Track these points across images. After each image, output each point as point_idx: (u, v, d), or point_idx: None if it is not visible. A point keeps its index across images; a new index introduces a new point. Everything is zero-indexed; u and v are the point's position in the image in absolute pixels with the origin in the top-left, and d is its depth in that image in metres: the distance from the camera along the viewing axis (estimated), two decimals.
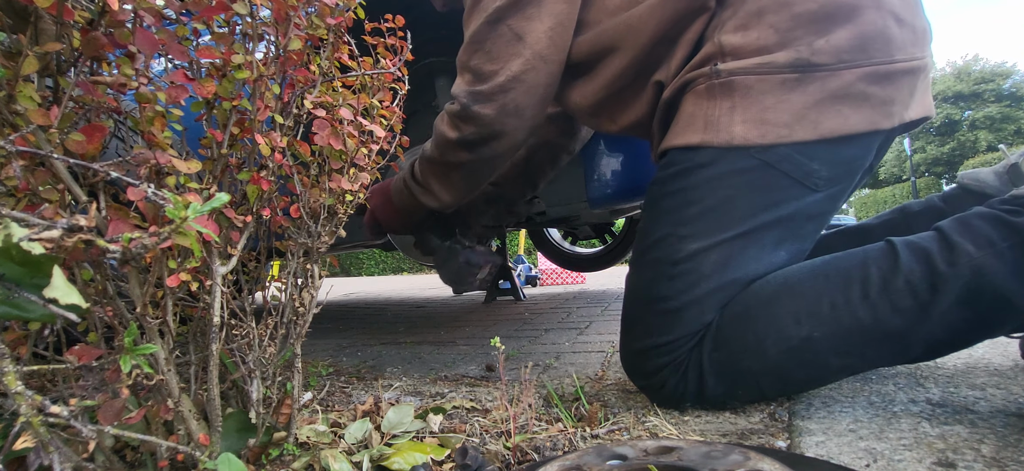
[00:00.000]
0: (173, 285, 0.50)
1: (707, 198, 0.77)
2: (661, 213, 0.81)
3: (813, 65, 0.73)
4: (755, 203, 0.76)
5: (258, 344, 0.63)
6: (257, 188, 0.60)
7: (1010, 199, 0.70)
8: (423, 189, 1.05)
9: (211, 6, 0.54)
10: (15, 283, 0.39)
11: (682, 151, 0.80)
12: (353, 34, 0.74)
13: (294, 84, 0.64)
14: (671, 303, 0.77)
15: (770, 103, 0.75)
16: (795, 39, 0.74)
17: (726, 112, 0.77)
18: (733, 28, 0.78)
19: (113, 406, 0.48)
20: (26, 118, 0.44)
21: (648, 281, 0.80)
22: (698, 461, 0.48)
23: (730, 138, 0.76)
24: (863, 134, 0.74)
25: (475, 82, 0.89)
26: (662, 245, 0.79)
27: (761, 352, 0.72)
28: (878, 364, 0.73)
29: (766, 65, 0.75)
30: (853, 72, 0.73)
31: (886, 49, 0.73)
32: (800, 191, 0.76)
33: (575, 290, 3.25)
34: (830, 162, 0.75)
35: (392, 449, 0.65)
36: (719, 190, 0.77)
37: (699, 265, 0.76)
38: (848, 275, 0.71)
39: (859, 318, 0.69)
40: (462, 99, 0.91)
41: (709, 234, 0.77)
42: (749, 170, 0.76)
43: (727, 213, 0.76)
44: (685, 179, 0.79)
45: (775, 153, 0.75)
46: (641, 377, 0.81)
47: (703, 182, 0.78)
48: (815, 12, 0.73)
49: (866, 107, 0.74)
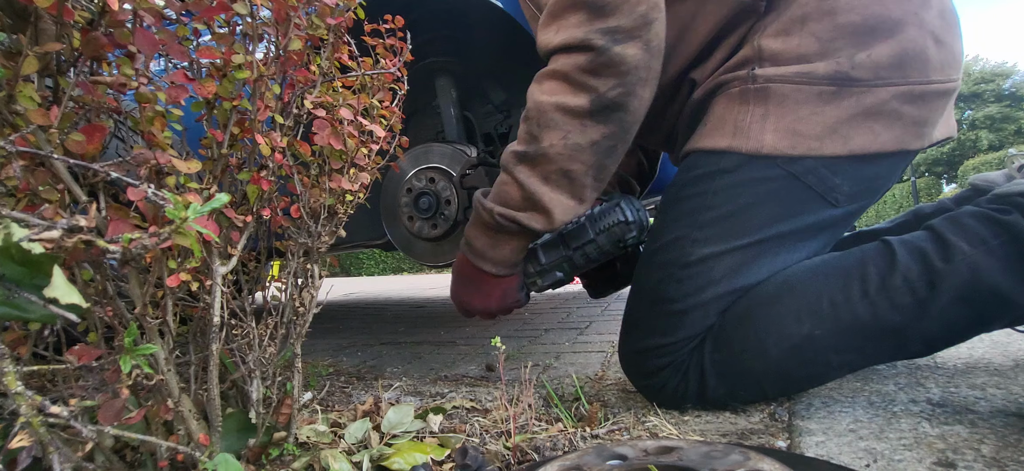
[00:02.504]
0: (173, 285, 0.50)
1: (726, 204, 0.76)
2: (677, 216, 0.80)
3: (851, 79, 0.72)
4: (774, 213, 0.75)
5: (258, 344, 0.63)
6: (257, 188, 0.60)
7: (997, 198, 0.71)
8: (527, 206, 0.77)
9: (211, 6, 0.54)
10: (15, 283, 0.39)
11: (707, 154, 0.79)
12: (353, 34, 0.74)
13: (294, 84, 0.64)
14: (676, 305, 0.77)
15: (804, 114, 0.73)
16: (836, 50, 0.73)
17: (758, 119, 0.75)
18: (774, 33, 0.76)
19: (113, 406, 0.48)
20: (26, 118, 0.44)
21: (655, 282, 0.80)
22: (698, 461, 0.48)
23: (759, 146, 0.74)
24: (891, 153, 0.74)
25: (601, 16, 0.69)
26: (674, 247, 0.78)
27: (762, 351, 0.72)
28: (877, 361, 0.74)
29: (804, 75, 0.73)
30: (889, 90, 0.72)
31: (923, 69, 0.72)
32: (820, 205, 0.75)
33: (575, 290, 3.25)
34: (854, 178, 0.74)
35: (392, 449, 0.65)
36: (740, 197, 0.75)
37: (709, 270, 0.76)
38: (847, 274, 0.72)
39: (858, 315, 0.69)
40: (595, 40, 0.69)
41: (723, 240, 0.76)
42: (773, 179, 0.75)
43: (744, 221, 0.75)
44: (707, 183, 0.78)
45: (801, 165, 0.73)
46: (641, 377, 0.81)
47: (724, 188, 0.76)
48: (858, 24, 0.72)
49: (897, 126, 0.73)
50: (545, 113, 0.73)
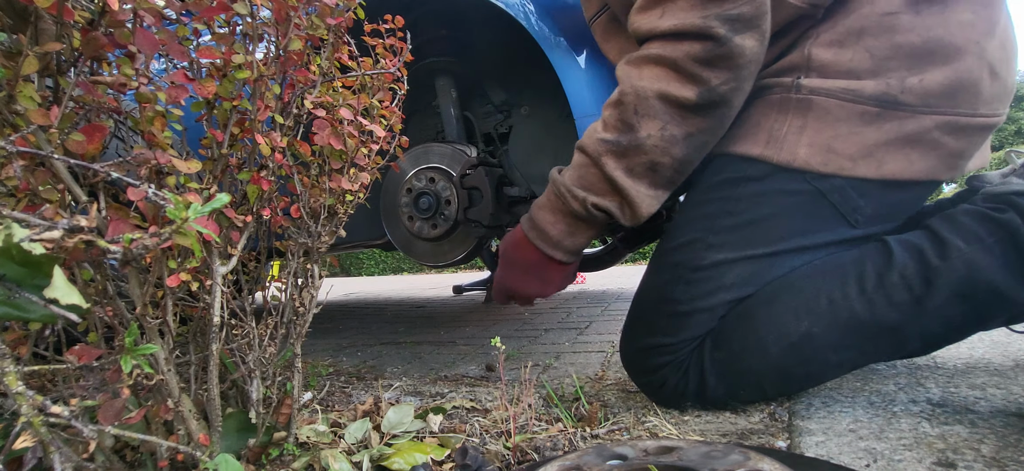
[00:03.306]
0: (173, 285, 0.50)
1: (747, 212, 0.75)
2: (696, 217, 0.78)
3: (897, 103, 0.69)
4: (793, 227, 0.74)
5: (258, 344, 0.63)
6: (257, 188, 0.60)
7: (992, 196, 0.71)
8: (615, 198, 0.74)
9: (211, 6, 0.54)
10: (16, 283, 0.39)
11: (736, 159, 0.77)
12: (353, 34, 0.74)
13: (294, 84, 0.64)
14: (682, 307, 0.76)
15: (842, 132, 0.71)
16: (888, 70, 0.70)
17: (794, 131, 0.73)
18: (827, 42, 0.73)
19: (113, 406, 0.48)
20: (26, 118, 0.44)
21: (664, 282, 0.79)
22: (698, 461, 0.48)
23: (791, 159, 0.72)
24: (921, 181, 0.72)
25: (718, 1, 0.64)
26: (687, 249, 0.77)
27: (762, 350, 0.72)
28: (876, 359, 0.74)
29: (850, 92, 0.71)
30: (933, 118, 0.69)
31: (973, 101, 0.70)
32: (839, 224, 0.74)
33: (575, 290, 3.25)
34: (879, 202, 0.73)
35: (392, 449, 0.65)
36: (762, 207, 0.74)
37: (721, 276, 0.75)
38: (845, 271, 0.72)
39: (856, 312, 0.69)
40: (715, 28, 0.64)
41: (739, 247, 0.75)
42: (798, 193, 0.73)
43: (763, 231, 0.74)
44: (731, 189, 0.76)
45: (830, 183, 0.72)
46: (641, 374, 0.81)
47: (748, 195, 0.75)
48: (916, 46, 0.69)
49: (933, 155, 0.71)
50: (646, 100, 0.68)
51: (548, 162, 1.36)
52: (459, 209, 1.24)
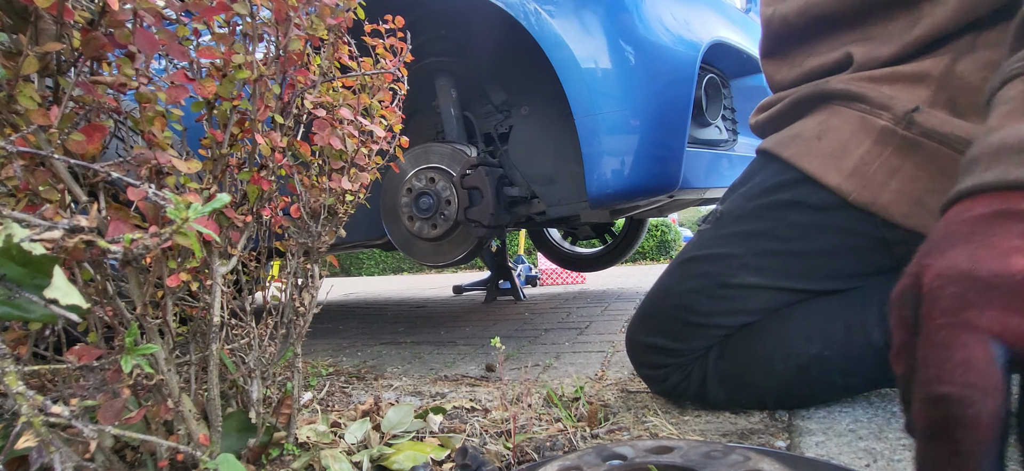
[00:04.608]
0: (173, 285, 0.50)
1: (795, 241, 0.68)
2: (738, 231, 0.73)
3: None
4: (841, 268, 0.68)
5: (258, 344, 0.63)
6: (257, 188, 0.60)
7: None
8: None
9: (211, 6, 0.54)
10: (16, 283, 0.39)
11: (800, 178, 0.69)
12: (353, 34, 0.74)
13: (294, 84, 0.64)
14: (699, 319, 0.74)
15: (937, 187, 0.60)
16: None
17: (886, 172, 0.63)
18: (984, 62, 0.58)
19: (113, 406, 0.48)
20: (26, 118, 0.44)
21: (687, 289, 0.76)
22: (698, 461, 0.48)
23: (871, 200, 0.64)
24: None
25: None
26: (720, 262, 0.73)
27: (768, 366, 0.71)
28: (883, 385, 0.72)
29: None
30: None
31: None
32: (884, 261, 0.67)
33: (575, 290, 3.25)
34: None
35: (392, 449, 0.65)
36: (814, 240, 0.68)
37: (747, 299, 0.72)
38: (866, 298, 0.68)
39: (873, 340, 0.67)
40: None
41: (774, 276, 0.70)
42: (860, 235, 0.66)
43: (806, 265, 0.69)
44: (784, 212, 0.70)
45: (899, 234, 0.64)
46: (645, 367, 0.81)
47: (802, 224, 0.68)
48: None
49: None
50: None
51: (548, 162, 1.36)
52: (459, 209, 1.24)
